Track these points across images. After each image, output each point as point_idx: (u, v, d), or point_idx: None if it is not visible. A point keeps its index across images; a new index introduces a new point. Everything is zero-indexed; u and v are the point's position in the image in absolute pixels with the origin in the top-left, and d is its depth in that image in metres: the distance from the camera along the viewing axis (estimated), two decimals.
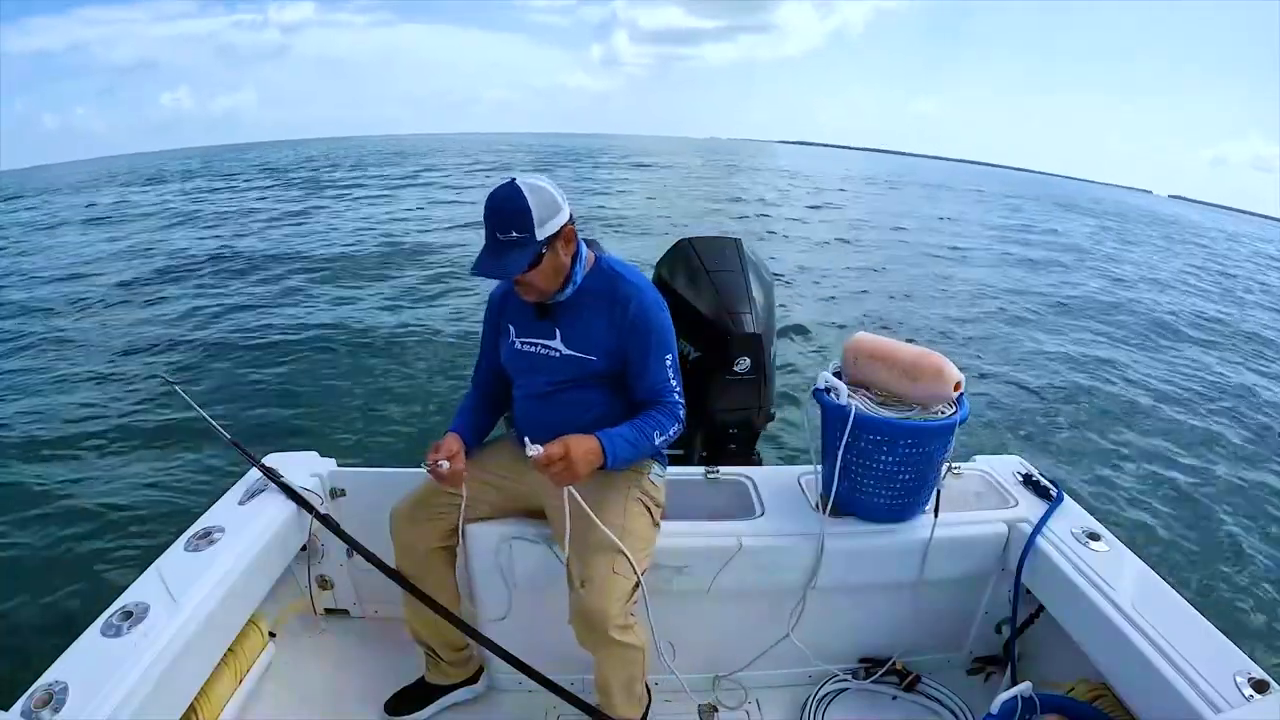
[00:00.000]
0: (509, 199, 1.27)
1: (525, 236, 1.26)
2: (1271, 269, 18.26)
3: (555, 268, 1.34)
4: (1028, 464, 1.82)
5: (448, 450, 1.37)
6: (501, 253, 1.28)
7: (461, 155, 41.36)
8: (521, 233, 1.26)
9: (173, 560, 1.35)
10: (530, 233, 1.26)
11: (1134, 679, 1.24)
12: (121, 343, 6.24)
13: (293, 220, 13.77)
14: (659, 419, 1.38)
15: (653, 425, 1.37)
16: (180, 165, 39.28)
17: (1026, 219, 22.86)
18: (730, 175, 31.88)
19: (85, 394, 5.01)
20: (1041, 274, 11.88)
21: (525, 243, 1.27)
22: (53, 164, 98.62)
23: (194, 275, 9.00)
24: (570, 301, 1.41)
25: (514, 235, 1.26)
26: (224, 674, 1.42)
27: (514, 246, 1.27)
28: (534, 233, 1.27)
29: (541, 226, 1.27)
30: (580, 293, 1.41)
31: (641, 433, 1.35)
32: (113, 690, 1.04)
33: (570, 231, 1.34)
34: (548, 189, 1.30)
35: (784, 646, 1.63)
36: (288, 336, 6.25)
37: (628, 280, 1.41)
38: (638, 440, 1.34)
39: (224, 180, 25.55)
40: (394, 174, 26.29)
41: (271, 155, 45.64)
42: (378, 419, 4.51)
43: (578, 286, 1.40)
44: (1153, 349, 7.62)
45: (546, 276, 1.33)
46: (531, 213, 1.26)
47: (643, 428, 1.35)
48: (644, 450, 1.37)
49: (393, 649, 1.74)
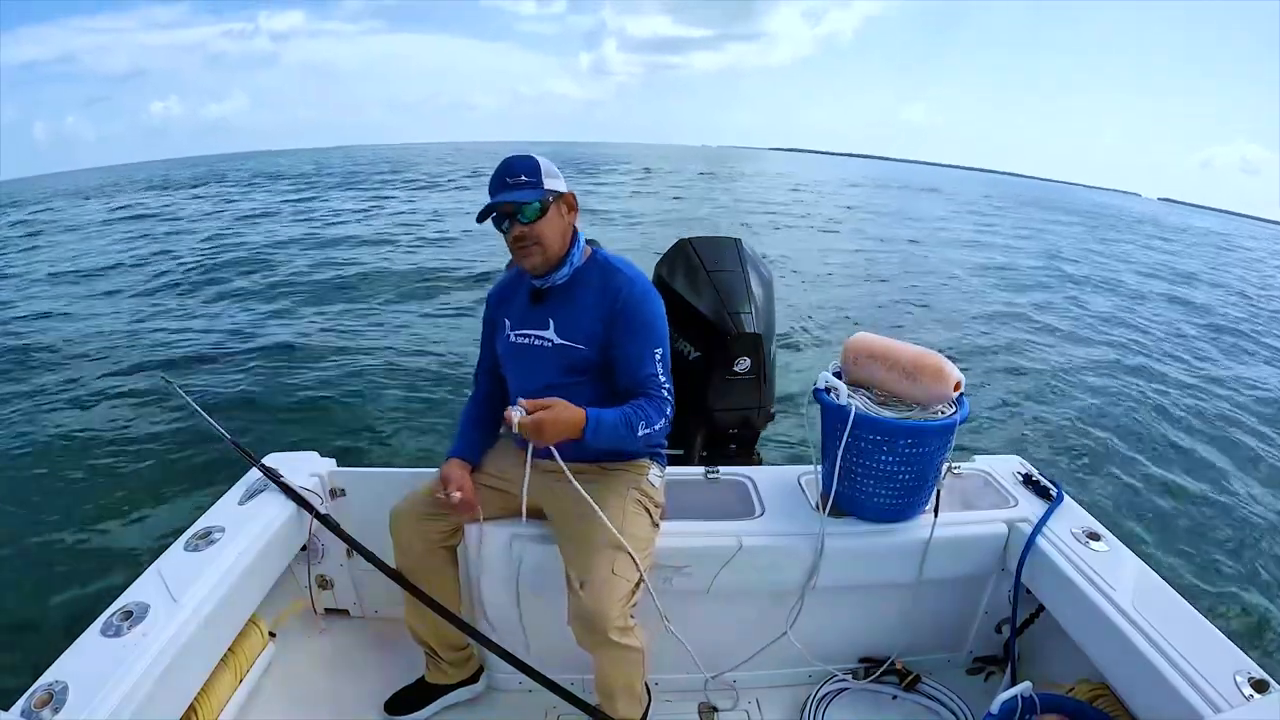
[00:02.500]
0: (520, 158, 1.38)
1: (533, 180, 1.35)
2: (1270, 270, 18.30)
3: (561, 229, 1.40)
4: (1028, 464, 1.82)
5: (456, 482, 1.42)
6: (511, 190, 1.35)
7: (448, 164, 41.43)
8: (530, 177, 1.35)
9: (173, 560, 1.35)
10: (538, 179, 1.36)
11: (1134, 679, 1.23)
12: (121, 344, 6.24)
13: (291, 222, 13.77)
14: (645, 410, 1.35)
15: (638, 416, 1.33)
16: (175, 174, 39.31)
17: (1023, 220, 22.88)
18: (724, 180, 31.94)
19: (85, 395, 5.00)
20: (1041, 274, 11.89)
21: (533, 185, 1.35)
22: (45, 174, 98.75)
23: (194, 276, 9.01)
24: (563, 289, 1.43)
25: (522, 179, 1.35)
26: (224, 674, 1.42)
27: (522, 187, 1.35)
28: (540, 180, 1.36)
29: (548, 178, 1.37)
30: (573, 281, 1.43)
31: (626, 420, 1.32)
32: (113, 690, 1.04)
33: (572, 199, 1.42)
34: (550, 162, 1.41)
35: (784, 646, 1.63)
36: (288, 337, 6.25)
37: (620, 272, 1.42)
38: (619, 426, 1.31)
39: (220, 186, 25.60)
40: (391, 180, 26.33)
41: (265, 163, 45.69)
42: (378, 419, 4.51)
43: (573, 271, 1.43)
44: (1153, 349, 7.62)
45: (551, 235, 1.38)
46: (540, 165, 1.37)
47: (628, 416, 1.33)
48: (624, 439, 1.33)
49: (393, 649, 1.74)
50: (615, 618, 1.28)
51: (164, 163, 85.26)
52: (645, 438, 1.35)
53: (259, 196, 20.72)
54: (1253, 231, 39.01)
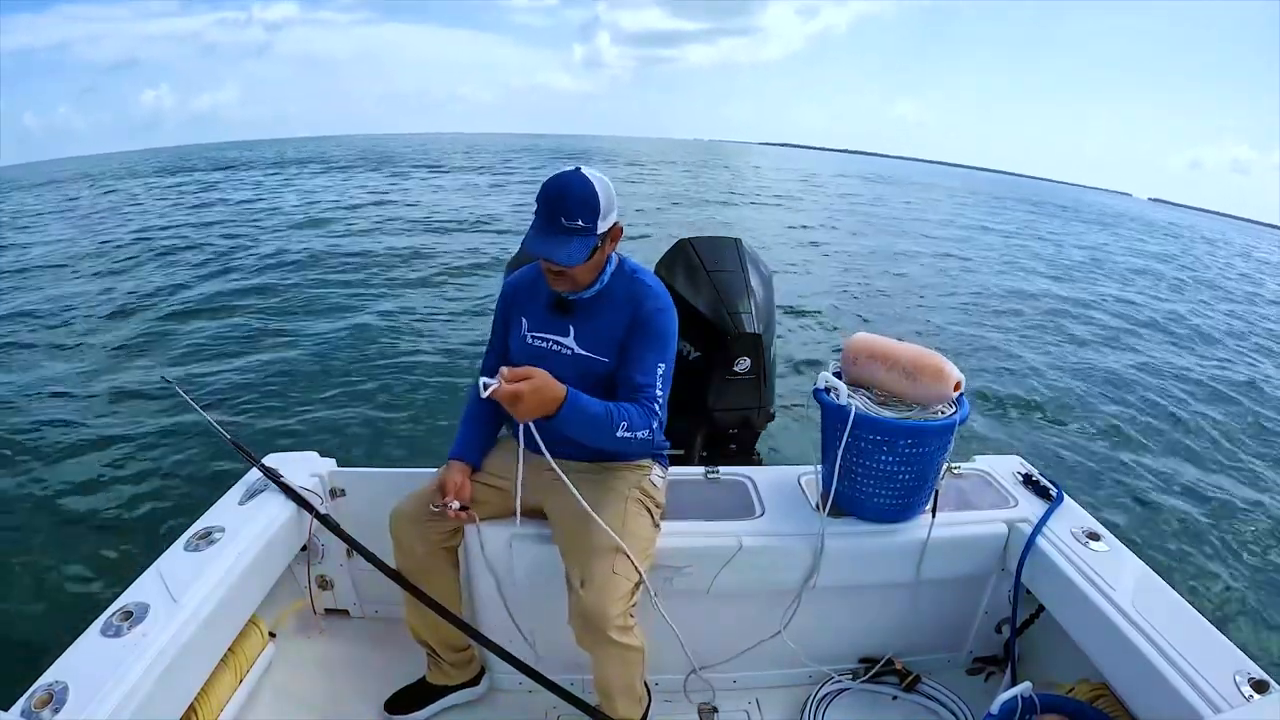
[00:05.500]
0: (581, 187, 1.27)
1: (589, 227, 1.27)
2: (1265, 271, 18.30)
3: (597, 264, 1.35)
4: (1028, 464, 1.82)
5: (454, 490, 1.41)
6: (563, 238, 1.27)
7: (450, 153, 41.41)
8: (587, 223, 1.27)
9: (173, 560, 1.35)
10: (594, 224, 1.28)
11: (1134, 679, 1.24)
12: (121, 343, 6.24)
13: (290, 221, 13.76)
14: (631, 415, 1.31)
15: (622, 416, 1.29)
16: (162, 163, 39.25)
17: (1018, 222, 22.89)
18: (718, 174, 31.94)
19: (85, 394, 5.00)
20: (1041, 275, 11.89)
21: (587, 233, 1.27)
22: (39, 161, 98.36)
23: (193, 277, 8.99)
24: (589, 301, 1.41)
25: (579, 224, 1.26)
26: (224, 674, 1.41)
27: (576, 235, 1.27)
28: (596, 225, 1.28)
29: (603, 220, 1.29)
30: (600, 293, 1.41)
31: (609, 414, 1.27)
32: (113, 690, 1.04)
33: (619, 231, 1.36)
34: (608, 184, 1.31)
35: (783, 646, 1.63)
36: (288, 336, 6.24)
37: (646, 284, 1.41)
38: (598, 417, 1.26)
39: (218, 175, 25.56)
40: (388, 171, 26.32)
41: (260, 153, 45.61)
42: (378, 419, 4.50)
43: (603, 285, 1.40)
44: (1153, 349, 7.62)
45: (587, 271, 1.34)
46: (600, 205, 1.27)
47: (612, 412, 1.28)
48: (600, 432, 1.28)
49: (393, 649, 1.74)
50: (615, 617, 1.28)
51: (156, 151, 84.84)
52: (622, 441, 1.30)
53: (259, 187, 20.64)
54: (1253, 233, 39.08)
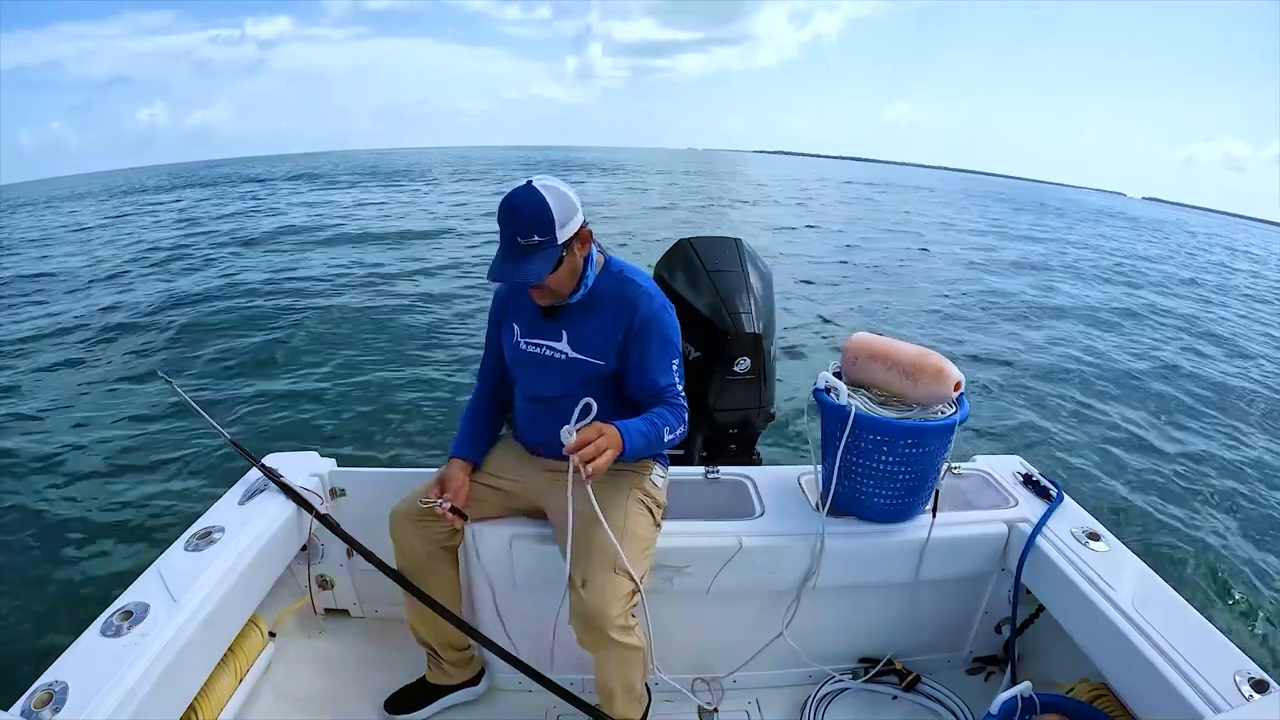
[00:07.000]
0: (529, 202, 1.24)
1: (546, 240, 1.24)
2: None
3: (571, 270, 1.34)
4: (1028, 464, 1.82)
5: (451, 488, 1.41)
6: (523, 258, 1.26)
7: (446, 167, 41.51)
8: (543, 236, 1.24)
9: (173, 560, 1.35)
10: (551, 236, 1.25)
11: (1134, 679, 1.23)
12: (121, 343, 6.25)
13: (290, 223, 13.77)
14: (668, 418, 1.37)
15: (663, 423, 1.36)
16: (160, 180, 39.33)
17: (1017, 222, 22.90)
18: (715, 181, 31.95)
19: (84, 394, 5.00)
20: (1041, 276, 11.88)
21: (547, 246, 1.25)
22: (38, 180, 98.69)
23: (193, 277, 9.00)
24: (579, 304, 1.40)
25: (535, 239, 1.24)
26: (224, 674, 1.41)
27: (535, 251, 1.25)
28: (555, 236, 1.25)
29: (562, 229, 1.26)
30: (589, 295, 1.40)
31: (653, 428, 1.33)
32: (113, 690, 1.04)
33: (587, 233, 1.34)
34: (564, 190, 1.29)
35: (783, 647, 1.63)
36: (288, 336, 6.25)
37: (636, 284, 1.41)
38: (650, 435, 1.32)
39: (213, 189, 25.65)
40: (388, 183, 26.39)
41: (253, 169, 45.75)
42: (378, 419, 4.51)
43: (588, 289, 1.39)
44: (1154, 350, 7.62)
45: (562, 280, 1.33)
46: (553, 215, 1.24)
47: (655, 424, 1.34)
48: (654, 445, 1.34)
49: (393, 649, 1.74)
50: (616, 617, 1.28)
51: (153, 169, 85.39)
52: (670, 444, 1.38)
53: (256, 196, 20.72)
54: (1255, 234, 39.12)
